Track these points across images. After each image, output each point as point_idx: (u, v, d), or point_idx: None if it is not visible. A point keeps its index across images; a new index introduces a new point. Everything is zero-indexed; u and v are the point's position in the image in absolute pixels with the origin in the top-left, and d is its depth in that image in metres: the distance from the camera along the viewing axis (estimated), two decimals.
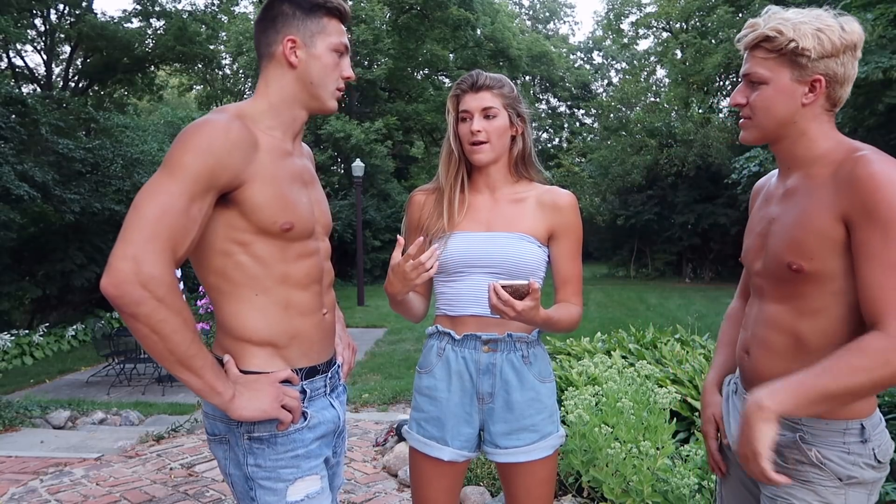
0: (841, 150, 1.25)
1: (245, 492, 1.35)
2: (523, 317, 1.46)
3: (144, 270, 1.12)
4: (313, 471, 1.37)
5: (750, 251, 1.40)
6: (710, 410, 1.56)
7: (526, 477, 1.66)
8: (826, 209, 1.21)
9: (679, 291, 18.23)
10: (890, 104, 10.14)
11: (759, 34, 1.27)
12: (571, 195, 1.73)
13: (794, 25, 1.23)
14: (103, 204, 12.28)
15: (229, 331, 1.34)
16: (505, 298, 1.42)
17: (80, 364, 10.03)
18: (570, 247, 1.70)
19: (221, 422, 1.35)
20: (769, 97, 1.28)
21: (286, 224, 1.32)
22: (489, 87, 1.65)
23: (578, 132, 35.14)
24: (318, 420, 1.40)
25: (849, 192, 1.17)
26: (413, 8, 25.01)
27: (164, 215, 1.17)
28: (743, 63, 1.33)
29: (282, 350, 1.36)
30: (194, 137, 1.23)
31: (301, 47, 1.37)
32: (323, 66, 1.39)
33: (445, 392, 1.66)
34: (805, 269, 1.23)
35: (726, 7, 21.66)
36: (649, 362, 3.82)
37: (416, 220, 1.74)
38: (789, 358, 1.28)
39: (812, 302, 1.25)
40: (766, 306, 1.34)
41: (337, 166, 23.75)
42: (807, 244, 1.22)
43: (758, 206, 1.44)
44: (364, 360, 8.99)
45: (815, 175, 1.27)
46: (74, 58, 17.19)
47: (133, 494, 3.30)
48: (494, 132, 1.65)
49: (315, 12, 1.38)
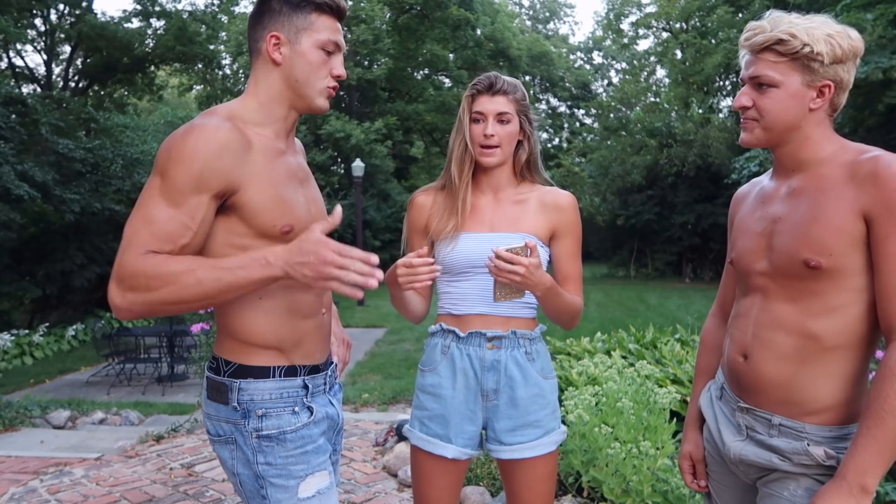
0: (849, 151, 1.26)
1: (255, 491, 1.35)
2: (532, 276, 1.46)
3: (123, 279, 1.18)
4: (322, 466, 1.38)
5: (748, 252, 1.37)
6: (688, 448, 1.58)
7: (529, 473, 1.68)
8: (846, 205, 1.21)
9: (679, 291, 18.22)
10: (890, 104, 10.15)
11: (771, 37, 1.25)
12: (572, 196, 1.75)
13: (806, 30, 1.23)
14: (103, 204, 12.27)
15: (233, 334, 1.34)
16: (509, 257, 1.43)
17: (80, 364, 10.01)
18: (571, 246, 1.72)
19: (226, 422, 1.35)
20: (780, 100, 1.27)
21: (286, 227, 1.31)
22: (505, 93, 1.67)
23: (578, 132, 35.12)
24: (321, 415, 1.41)
25: (872, 189, 1.18)
26: (413, 8, 25.00)
27: (145, 225, 1.20)
28: (745, 65, 1.31)
29: (287, 353, 1.37)
30: (179, 144, 1.23)
31: (285, 44, 1.35)
32: (307, 64, 1.35)
33: (450, 389, 1.67)
34: (824, 265, 1.22)
35: (726, 7, 21.66)
36: (649, 362, 3.82)
37: (422, 222, 1.75)
38: (797, 360, 1.27)
39: (828, 300, 1.24)
40: (771, 307, 1.31)
41: (337, 166, 23.75)
42: (825, 240, 1.22)
43: (749, 208, 1.42)
44: (364, 360, 8.98)
45: (824, 175, 1.26)
46: (74, 58, 17.18)
47: (133, 494, 3.30)
48: (506, 137, 1.67)
49: (302, 8, 1.35)
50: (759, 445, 1.33)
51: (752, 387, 1.33)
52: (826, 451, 1.24)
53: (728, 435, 1.39)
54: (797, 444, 1.26)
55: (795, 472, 1.28)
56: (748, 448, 1.34)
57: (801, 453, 1.26)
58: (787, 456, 1.28)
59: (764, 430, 1.32)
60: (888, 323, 1.18)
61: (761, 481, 1.35)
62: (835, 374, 1.25)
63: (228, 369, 1.34)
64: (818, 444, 1.25)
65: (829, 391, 1.25)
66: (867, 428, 1.15)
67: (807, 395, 1.27)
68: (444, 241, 1.68)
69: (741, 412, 1.37)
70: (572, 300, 1.67)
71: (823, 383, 1.25)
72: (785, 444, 1.28)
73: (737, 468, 1.40)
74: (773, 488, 1.31)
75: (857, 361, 1.25)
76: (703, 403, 1.52)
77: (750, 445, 1.34)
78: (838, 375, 1.25)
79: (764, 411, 1.32)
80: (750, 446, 1.34)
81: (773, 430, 1.30)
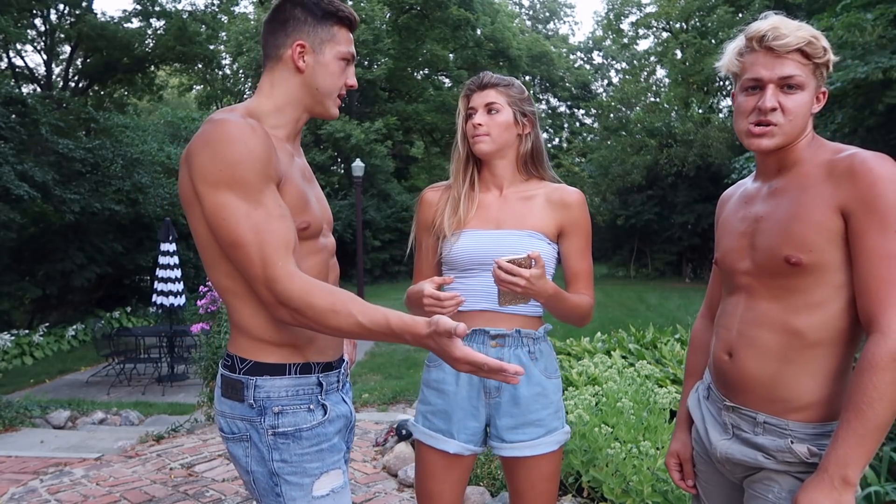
0: (827, 150, 1.28)
1: (269, 488, 1.35)
2: (533, 286, 1.48)
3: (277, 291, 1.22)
4: (336, 465, 1.39)
5: (732, 251, 1.39)
6: (675, 447, 1.59)
7: (531, 472, 1.69)
8: (824, 201, 1.23)
9: (679, 291, 18.21)
10: (890, 104, 10.13)
11: (804, 37, 1.24)
12: (580, 193, 1.77)
13: (818, 36, 1.25)
14: (103, 204, 12.28)
15: (246, 332, 1.35)
16: (510, 269, 1.46)
17: (80, 364, 10.03)
18: (579, 243, 1.73)
19: (241, 420, 1.35)
20: (804, 104, 1.28)
21: (303, 223, 1.34)
22: (494, 85, 1.71)
23: (578, 132, 35.16)
24: (335, 414, 1.41)
25: (849, 184, 1.20)
26: (413, 8, 25.02)
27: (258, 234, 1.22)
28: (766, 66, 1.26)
29: (301, 350, 1.38)
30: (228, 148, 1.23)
31: (310, 53, 1.39)
32: (330, 74, 1.41)
33: (453, 385, 1.69)
34: (804, 261, 1.23)
35: (726, 7, 21.67)
36: (649, 362, 3.82)
37: (430, 219, 1.77)
38: (781, 357, 1.28)
39: (810, 296, 1.25)
40: (755, 305, 1.33)
41: (337, 166, 23.76)
42: (805, 237, 1.23)
43: (733, 209, 1.44)
44: (364, 360, 8.99)
45: (804, 173, 1.28)
46: (74, 58, 17.19)
47: (133, 494, 3.30)
48: (496, 126, 1.69)
49: (327, 20, 1.40)
50: (744, 444, 1.34)
51: (737, 385, 1.35)
52: (809, 449, 1.25)
53: (715, 434, 1.41)
54: (781, 442, 1.27)
55: (779, 469, 1.28)
56: (734, 447, 1.35)
57: (784, 451, 1.27)
58: (771, 454, 1.29)
59: (749, 428, 1.33)
60: (867, 316, 1.19)
61: (747, 481, 1.36)
62: (817, 370, 1.26)
63: (244, 367, 1.35)
64: (802, 442, 1.26)
65: (811, 388, 1.27)
66: (847, 420, 1.15)
67: (790, 393, 1.28)
68: (449, 238, 1.70)
69: (727, 411, 1.38)
70: (578, 302, 1.67)
71: (806, 380, 1.27)
72: (769, 442, 1.29)
73: (723, 467, 1.41)
74: (758, 490, 1.32)
75: (838, 357, 1.26)
76: (690, 404, 1.53)
77: (736, 444, 1.35)
78: (820, 372, 1.26)
79: (749, 409, 1.33)
80: (736, 445, 1.35)
81: (759, 427, 1.31)
